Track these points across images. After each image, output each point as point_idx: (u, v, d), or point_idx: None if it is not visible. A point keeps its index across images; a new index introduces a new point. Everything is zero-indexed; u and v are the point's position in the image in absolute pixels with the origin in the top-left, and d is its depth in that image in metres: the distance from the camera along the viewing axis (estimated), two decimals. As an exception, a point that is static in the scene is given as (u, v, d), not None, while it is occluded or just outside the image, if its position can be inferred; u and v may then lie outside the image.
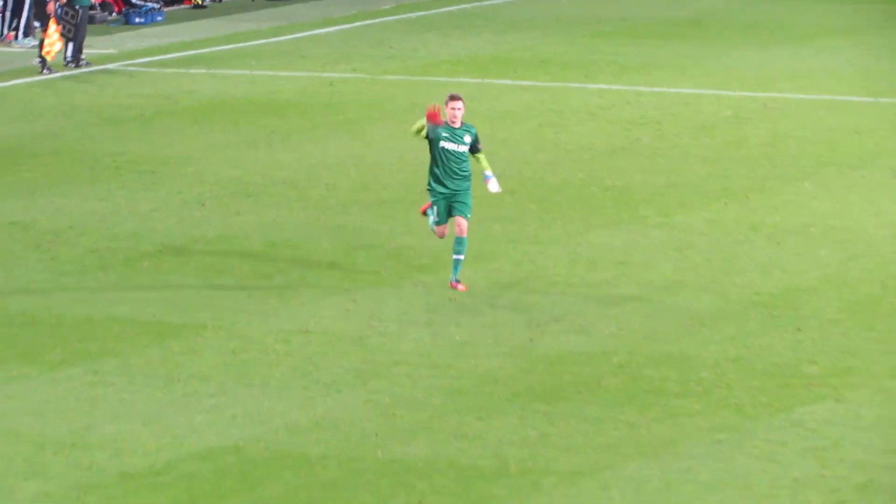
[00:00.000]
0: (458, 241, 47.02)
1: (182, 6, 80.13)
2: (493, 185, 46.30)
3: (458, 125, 41.85)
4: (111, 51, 75.04)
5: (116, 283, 55.12)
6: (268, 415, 45.41)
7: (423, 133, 44.16)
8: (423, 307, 51.67)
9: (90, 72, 72.76)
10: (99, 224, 57.27)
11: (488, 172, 45.00)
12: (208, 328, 51.77)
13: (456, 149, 43.98)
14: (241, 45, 77.13)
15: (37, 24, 74.53)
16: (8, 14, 76.17)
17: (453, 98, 45.74)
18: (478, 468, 42.00)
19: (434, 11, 79.18)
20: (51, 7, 71.23)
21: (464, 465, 42.05)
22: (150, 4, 78.79)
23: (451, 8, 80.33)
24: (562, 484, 41.49)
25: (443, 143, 43.15)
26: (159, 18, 78.46)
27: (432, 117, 45.79)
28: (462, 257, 47.53)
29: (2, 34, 76.39)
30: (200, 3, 78.78)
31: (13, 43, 75.19)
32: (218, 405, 46.36)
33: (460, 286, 47.67)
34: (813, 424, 45.42)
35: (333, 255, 55.15)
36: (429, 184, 46.93)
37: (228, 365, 49.42)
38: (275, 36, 78.15)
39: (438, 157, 46.07)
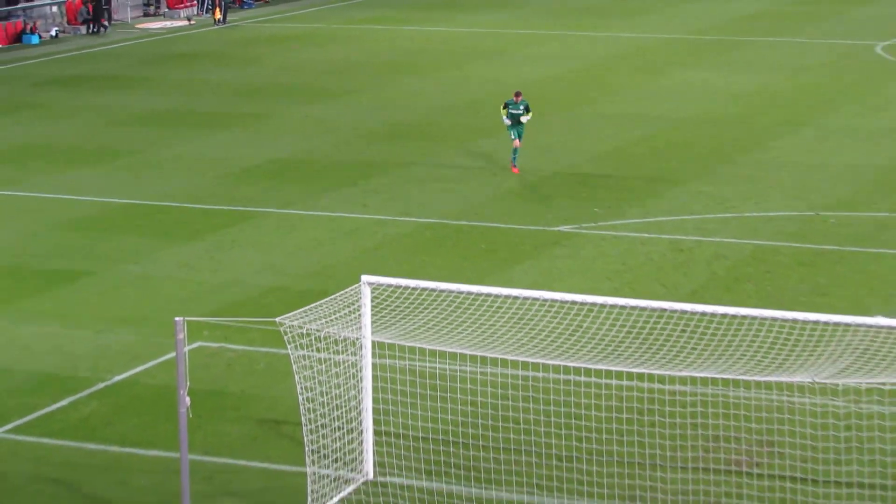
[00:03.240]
0: (515, 152, 39.40)
1: (261, 1, 77.76)
2: (525, 118, 39.04)
3: (518, 101, 39.39)
4: (235, 17, 73.05)
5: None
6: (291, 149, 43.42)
7: (506, 110, 39.19)
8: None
9: (229, 27, 71.00)
10: (227, 82, 55.82)
11: (526, 116, 39.10)
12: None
13: (517, 112, 38.74)
14: (288, 13, 74.75)
15: (210, 7, 72.40)
16: (198, 3, 74.15)
17: (518, 92, 39.71)
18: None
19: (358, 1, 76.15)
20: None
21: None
22: (251, 1, 76.87)
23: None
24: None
25: (511, 110, 38.66)
26: (254, 5, 76.32)
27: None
28: (517, 156, 39.47)
29: (197, 10, 74.19)
30: (267, 1, 76.81)
31: (202, 16, 73.30)
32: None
33: (516, 170, 39.64)
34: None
35: (328, 84, 53.66)
36: (508, 126, 39.33)
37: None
38: (303, 9, 75.33)
39: (510, 115, 39.00)
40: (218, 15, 71.24)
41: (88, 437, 23.50)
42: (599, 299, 20.54)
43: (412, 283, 21.29)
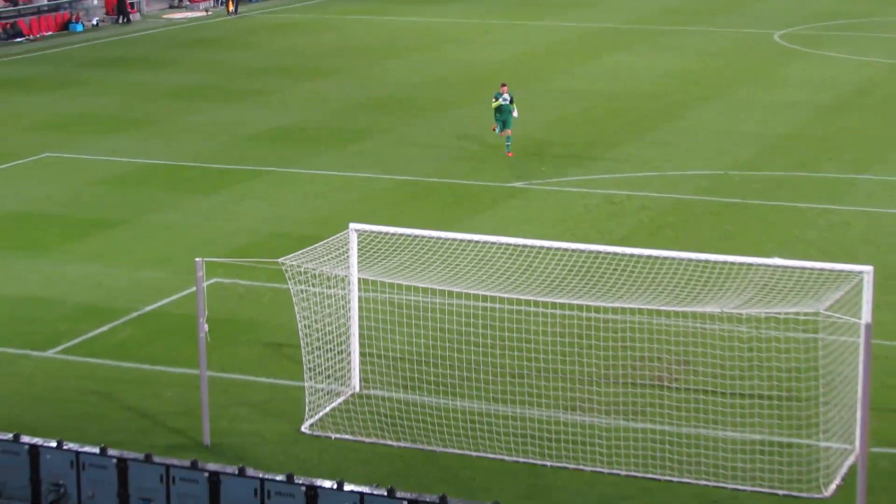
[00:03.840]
0: (508, 138, 36.77)
1: (267, -4, 76.24)
2: (514, 113, 36.40)
3: (504, 93, 37.74)
4: (245, 9, 72.15)
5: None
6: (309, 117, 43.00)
7: (497, 102, 36.13)
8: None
9: (239, 17, 70.11)
10: (238, 63, 55.09)
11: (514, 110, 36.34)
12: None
13: (505, 103, 35.94)
14: (289, 5, 73.56)
15: (224, 1, 71.46)
16: None
17: (503, 84, 36.72)
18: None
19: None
20: (228, -4, 69.61)
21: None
22: None
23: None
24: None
25: (500, 102, 35.81)
26: None
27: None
28: (510, 143, 36.91)
29: (213, 4, 73.21)
30: None
31: (217, 8, 72.36)
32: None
33: (510, 154, 36.80)
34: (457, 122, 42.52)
35: (321, 65, 53.11)
36: (495, 117, 36.73)
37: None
38: (301, 2, 74.00)
39: (500, 106, 36.32)
40: (230, 7, 70.54)
41: (125, 356, 23.58)
42: (546, 243, 20.69)
43: (392, 229, 21.26)
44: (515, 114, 36.69)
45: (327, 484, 16.74)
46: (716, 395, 20.64)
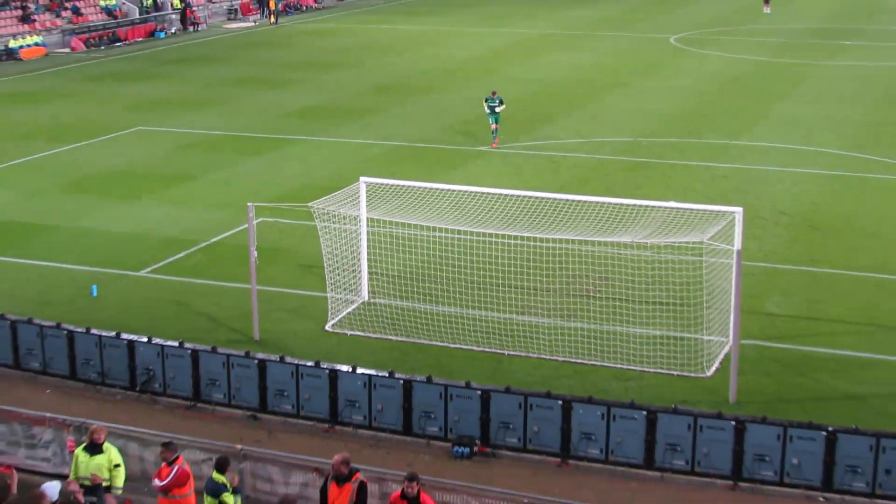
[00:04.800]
0: (494, 131, 33.29)
1: (299, 11, 75.33)
2: (499, 108, 33.13)
3: (495, 97, 32.80)
4: (283, 21, 71.02)
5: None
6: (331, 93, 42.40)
7: (486, 104, 33.23)
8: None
9: (279, 26, 69.19)
10: (278, 60, 54.25)
11: (500, 107, 33.09)
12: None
13: (493, 104, 32.82)
14: (316, 17, 72.47)
15: (267, 11, 70.33)
16: (257, 8, 71.94)
17: (494, 91, 32.97)
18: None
19: (376, 6, 73.74)
20: (272, 5, 68.24)
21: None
22: (292, 11, 74.32)
23: (379, 5, 74.54)
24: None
25: (489, 103, 32.87)
26: (294, 13, 73.72)
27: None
28: (497, 135, 33.49)
29: (259, 17, 72.04)
30: (302, 10, 73.95)
31: (262, 20, 71.28)
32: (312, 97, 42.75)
33: (495, 145, 33.26)
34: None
35: (338, 60, 52.31)
36: (488, 115, 33.46)
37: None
38: (324, 15, 73.17)
39: (489, 106, 33.07)
40: (272, 19, 69.72)
41: (196, 275, 23.41)
42: (503, 191, 20.37)
43: (391, 181, 20.96)
44: (499, 109, 33.55)
45: (345, 368, 16.88)
46: (628, 302, 20.65)
